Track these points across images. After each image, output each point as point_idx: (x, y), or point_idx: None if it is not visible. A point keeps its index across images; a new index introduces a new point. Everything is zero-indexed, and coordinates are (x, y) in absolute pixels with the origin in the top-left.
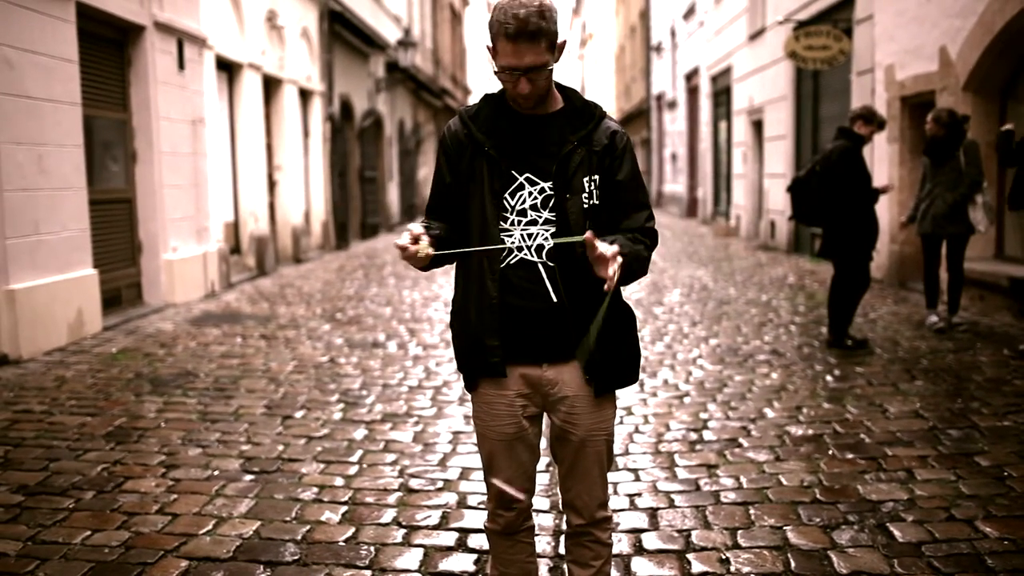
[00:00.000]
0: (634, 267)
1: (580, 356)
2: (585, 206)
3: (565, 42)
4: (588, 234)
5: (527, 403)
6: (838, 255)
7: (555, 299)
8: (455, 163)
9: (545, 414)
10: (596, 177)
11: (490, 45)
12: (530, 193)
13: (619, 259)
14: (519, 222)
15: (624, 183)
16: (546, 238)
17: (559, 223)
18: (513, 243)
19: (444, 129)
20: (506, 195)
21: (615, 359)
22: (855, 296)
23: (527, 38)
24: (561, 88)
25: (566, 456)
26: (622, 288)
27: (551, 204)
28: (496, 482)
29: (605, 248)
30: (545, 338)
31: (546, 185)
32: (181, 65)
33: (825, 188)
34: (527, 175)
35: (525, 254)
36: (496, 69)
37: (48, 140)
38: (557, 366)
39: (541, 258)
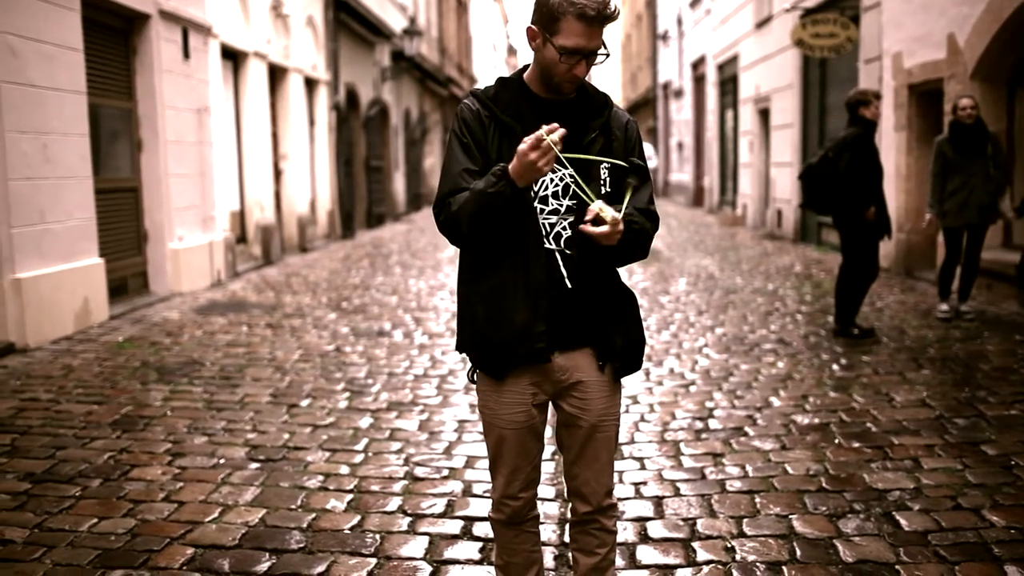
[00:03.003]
0: (640, 240)
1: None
2: (601, 193)
3: None
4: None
5: (537, 391)
6: (848, 243)
7: (570, 285)
8: (482, 145)
9: (550, 402)
10: (608, 165)
11: (533, 26)
12: (551, 180)
13: (620, 225)
14: (541, 210)
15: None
16: (564, 227)
17: (578, 210)
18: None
19: (463, 109)
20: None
21: (629, 342)
22: (863, 285)
23: (602, 22)
24: None
25: (574, 443)
26: (622, 269)
27: (571, 191)
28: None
29: (608, 212)
30: (558, 325)
31: (567, 172)
32: (186, 54)
33: (837, 175)
34: None
35: (546, 242)
36: (558, 49)
37: (53, 129)
38: (568, 353)
39: (559, 246)
